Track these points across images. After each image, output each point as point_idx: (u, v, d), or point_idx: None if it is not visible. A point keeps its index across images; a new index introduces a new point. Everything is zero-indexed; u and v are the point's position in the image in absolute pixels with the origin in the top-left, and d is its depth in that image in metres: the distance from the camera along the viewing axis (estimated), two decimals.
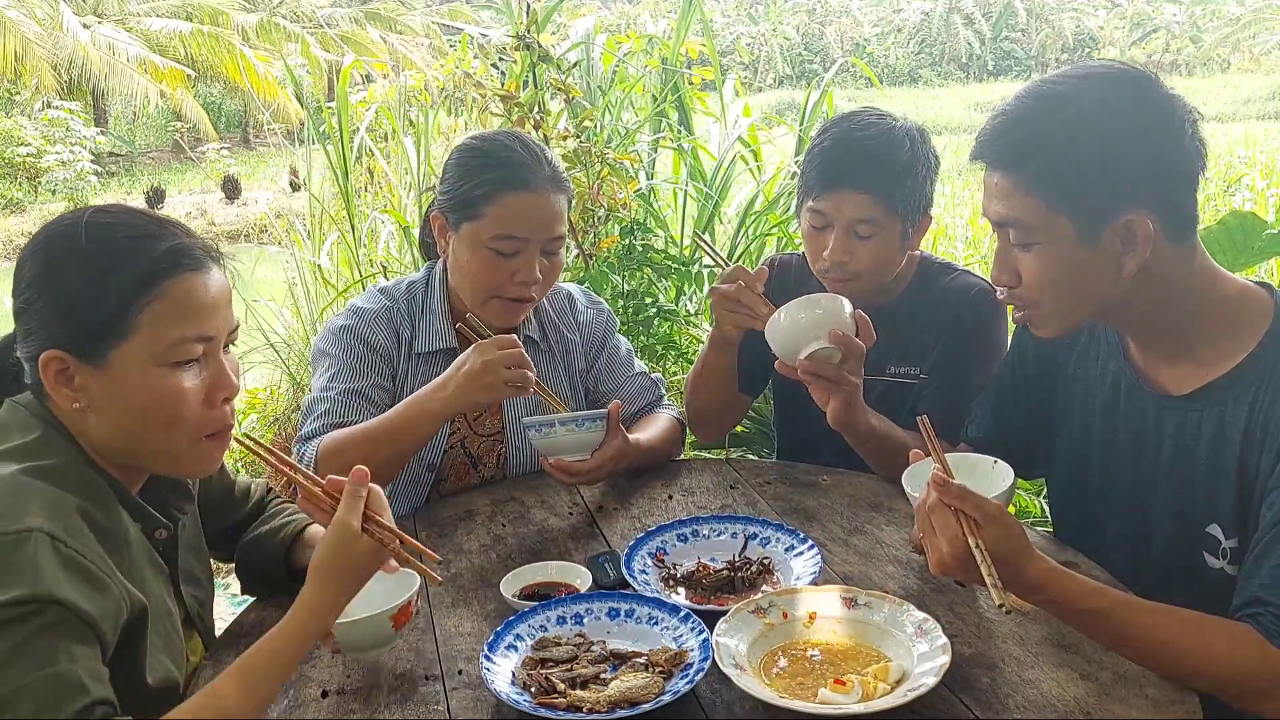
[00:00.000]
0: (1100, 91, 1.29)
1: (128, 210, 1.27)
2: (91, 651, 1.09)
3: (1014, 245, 1.35)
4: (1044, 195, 1.29)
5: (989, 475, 1.42)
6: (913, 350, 1.96)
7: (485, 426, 1.97)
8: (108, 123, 20.10)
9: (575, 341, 2.04)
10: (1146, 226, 1.27)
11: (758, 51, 34.93)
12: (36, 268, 1.20)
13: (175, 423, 1.21)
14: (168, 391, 1.19)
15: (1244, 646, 1.18)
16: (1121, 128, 1.27)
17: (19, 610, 1.04)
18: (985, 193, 1.37)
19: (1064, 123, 1.28)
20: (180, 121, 18.69)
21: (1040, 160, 1.29)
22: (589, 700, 1.20)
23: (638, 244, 3.52)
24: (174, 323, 1.19)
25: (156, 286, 1.18)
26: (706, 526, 1.66)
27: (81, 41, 16.39)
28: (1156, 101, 1.28)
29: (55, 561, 1.08)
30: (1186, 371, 1.38)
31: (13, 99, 18.06)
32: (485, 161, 1.82)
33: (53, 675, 1.03)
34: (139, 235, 1.21)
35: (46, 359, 1.17)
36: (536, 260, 1.82)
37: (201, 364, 1.23)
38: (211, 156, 17.35)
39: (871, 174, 1.80)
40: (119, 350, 1.17)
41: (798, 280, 2.05)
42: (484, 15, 11.06)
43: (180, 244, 1.22)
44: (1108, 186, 1.27)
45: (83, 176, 14.71)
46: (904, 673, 1.23)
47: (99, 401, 1.19)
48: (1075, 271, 1.32)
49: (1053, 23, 37.10)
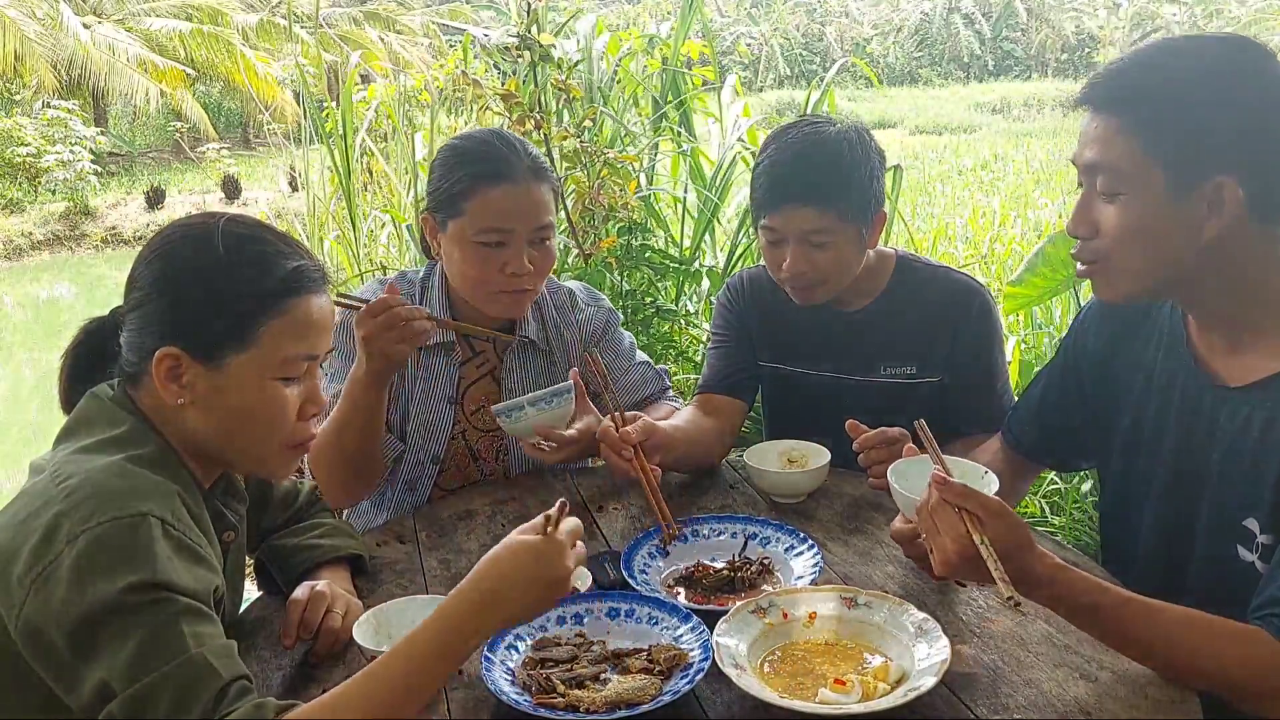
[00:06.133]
0: (1221, 53, 1.30)
1: (259, 224, 1.32)
2: (214, 629, 1.12)
3: (1099, 195, 1.35)
4: (1144, 140, 1.29)
5: (978, 485, 1.42)
6: (904, 349, 1.97)
7: (483, 421, 1.97)
8: (107, 122, 20.09)
9: (574, 339, 2.04)
10: (1236, 193, 1.26)
11: (758, 52, 34.93)
12: (163, 267, 1.24)
13: (272, 431, 1.26)
14: (273, 402, 1.25)
15: (1254, 647, 1.18)
16: (1233, 91, 1.26)
17: (145, 596, 1.06)
18: (1082, 138, 1.36)
19: (1179, 74, 1.29)
20: (180, 121, 18.68)
21: (1148, 105, 1.29)
22: (588, 700, 1.20)
23: (636, 244, 3.52)
24: (291, 341, 1.25)
25: (283, 304, 1.24)
26: (706, 526, 1.66)
27: (81, 41, 16.38)
28: (1274, 75, 1.28)
29: (169, 546, 1.11)
30: (1246, 362, 1.37)
31: (13, 99, 18.06)
32: (463, 158, 1.84)
33: (185, 663, 1.06)
34: (269, 252, 1.25)
35: (162, 354, 1.20)
36: (525, 251, 1.82)
37: (301, 380, 1.28)
38: (211, 156, 17.34)
39: (815, 186, 1.81)
40: (237, 358, 1.22)
41: (774, 291, 2.06)
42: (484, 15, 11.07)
43: (306, 265, 1.28)
44: (1208, 144, 1.27)
45: (83, 176, 14.69)
46: (904, 673, 1.23)
47: (204, 400, 1.23)
48: (1157, 226, 1.31)
49: (1053, 23, 37.09)
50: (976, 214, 8.85)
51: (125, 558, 1.07)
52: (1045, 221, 7.93)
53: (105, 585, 1.05)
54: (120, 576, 1.06)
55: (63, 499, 1.10)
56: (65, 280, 12.64)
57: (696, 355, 3.64)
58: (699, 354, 3.62)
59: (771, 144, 1.90)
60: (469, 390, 1.98)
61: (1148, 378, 1.52)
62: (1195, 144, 1.27)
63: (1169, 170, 1.28)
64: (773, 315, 2.06)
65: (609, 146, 3.65)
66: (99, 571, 1.06)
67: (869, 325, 1.99)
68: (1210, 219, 1.29)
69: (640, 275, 3.63)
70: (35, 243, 14.10)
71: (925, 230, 7.75)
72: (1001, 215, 8.59)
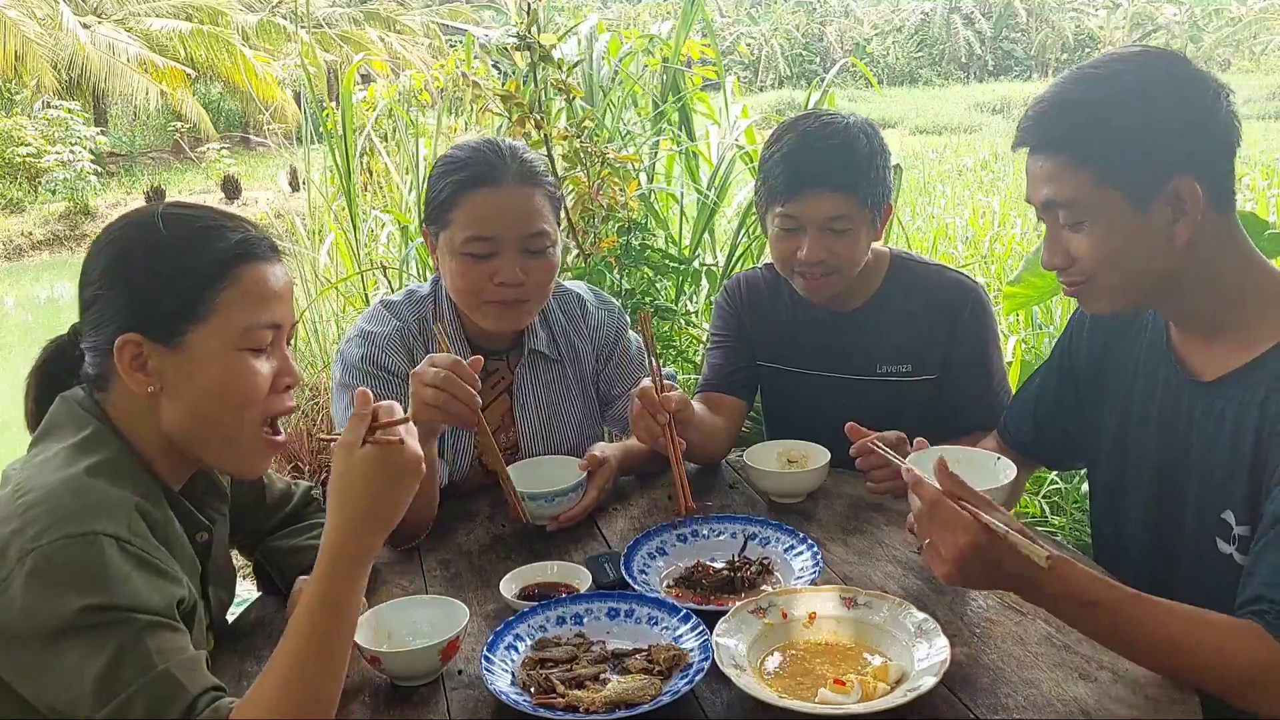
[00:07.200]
0: (1137, 69, 1.34)
1: (200, 205, 1.32)
2: (181, 641, 1.11)
3: (1064, 227, 1.38)
4: (1094, 170, 1.32)
5: (991, 471, 1.43)
6: (901, 348, 1.98)
7: (498, 441, 1.92)
8: (107, 122, 20.09)
9: (585, 348, 2.00)
10: (1195, 190, 1.30)
11: (758, 52, 34.93)
12: (110, 257, 1.23)
13: (247, 405, 1.25)
14: (243, 375, 1.23)
15: (1251, 641, 1.18)
16: (1163, 98, 1.31)
17: (103, 618, 1.06)
18: (1030, 179, 1.40)
19: (1108, 98, 1.32)
20: (180, 121, 18.68)
21: (1087, 136, 1.32)
22: (588, 700, 1.20)
23: (636, 243, 3.51)
24: (249, 308, 1.23)
25: (231, 272, 1.23)
26: (706, 526, 1.66)
27: (81, 41, 16.39)
28: (1190, 75, 1.33)
29: (126, 563, 1.10)
30: (1217, 358, 1.40)
31: (13, 99, 18.06)
32: (450, 167, 1.78)
33: (152, 680, 1.06)
34: (211, 225, 1.25)
35: (123, 342, 1.19)
36: (515, 260, 1.75)
37: (269, 352, 1.27)
38: (211, 156, 17.35)
39: (838, 172, 1.84)
40: (195, 333, 1.21)
41: (770, 293, 2.06)
42: (484, 15, 11.07)
43: (251, 235, 1.27)
44: (1155, 154, 1.30)
45: (83, 176, 14.71)
46: (904, 673, 1.23)
47: (173, 384, 1.22)
48: (1128, 243, 1.34)
49: (1053, 23, 37.10)
50: (976, 214, 8.84)
51: (77, 577, 1.07)
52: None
53: (59, 603, 1.05)
54: (75, 596, 1.06)
55: (19, 516, 1.10)
56: (65, 280, 12.63)
57: (696, 355, 3.64)
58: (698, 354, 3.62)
59: (786, 133, 1.90)
60: (485, 411, 1.93)
61: (1134, 378, 1.54)
62: (1142, 157, 1.30)
63: (1126, 188, 1.32)
64: (770, 316, 2.07)
65: (609, 146, 3.64)
66: (50, 590, 1.06)
67: (865, 324, 1.99)
68: (1177, 221, 1.32)
69: (640, 275, 3.63)
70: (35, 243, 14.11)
71: (925, 230, 7.75)
72: (1001, 215, 8.58)
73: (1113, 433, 1.58)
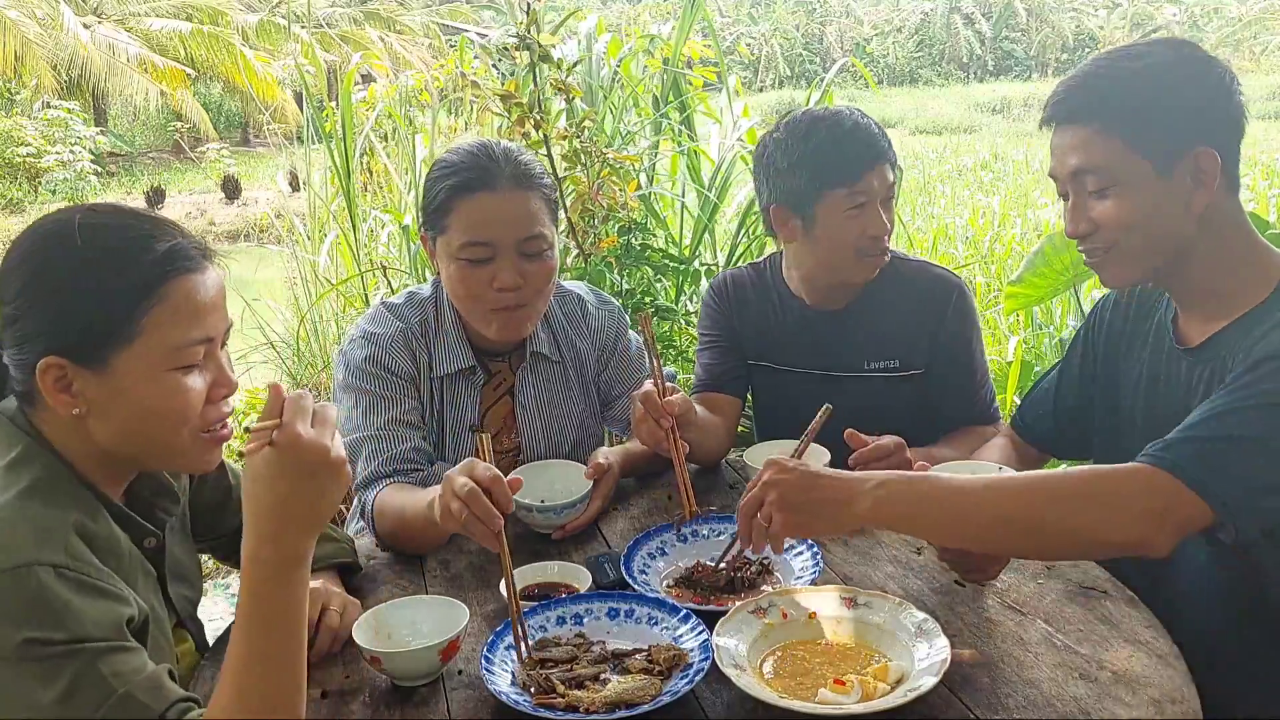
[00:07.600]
0: (1162, 48, 1.43)
1: (119, 210, 1.25)
2: (136, 660, 1.08)
3: (1091, 194, 1.43)
4: (1123, 138, 1.39)
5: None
6: (888, 343, 2.00)
7: (502, 444, 1.93)
8: (107, 123, 20.09)
9: (586, 348, 1.99)
10: (1214, 159, 1.37)
11: (758, 52, 34.93)
12: (29, 272, 1.17)
13: (181, 423, 1.20)
14: (174, 394, 1.18)
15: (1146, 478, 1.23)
16: (1186, 74, 1.40)
17: (50, 650, 1.04)
18: (1058, 153, 1.46)
19: (1136, 72, 1.40)
20: (180, 121, 18.69)
21: (1118, 105, 1.40)
22: (588, 700, 1.20)
23: (636, 243, 3.51)
24: (179, 326, 1.17)
25: (158, 290, 1.16)
26: (706, 526, 1.66)
27: (81, 41, 16.39)
28: (1208, 58, 1.42)
29: (66, 589, 1.06)
30: (1209, 326, 1.45)
31: (13, 99, 18.06)
32: (444, 171, 1.77)
33: (115, 704, 1.04)
34: (135, 237, 1.18)
35: (45, 366, 1.14)
36: (513, 264, 1.74)
37: (202, 365, 1.21)
38: (211, 156, 17.35)
39: (885, 150, 1.92)
40: (121, 355, 1.15)
41: (758, 292, 2.06)
42: (484, 15, 11.07)
43: (177, 245, 1.20)
44: (1180, 123, 1.38)
45: (83, 176, 14.71)
46: (903, 673, 1.23)
47: (100, 406, 1.17)
48: (1152, 208, 1.40)
49: (1053, 23, 37.10)
50: (976, 214, 8.85)
51: (15, 611, 1.04)
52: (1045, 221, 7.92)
53: (2, 634, 1.02)
54: (14, 630, 1.03)
55: None
56: None
57: (695, 355, 3.64)
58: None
59: (821, 123, 1.91)
60: (488, 414, 1.93)
61: (1140, 373, 1.57)
62: (1168, 125, 1.38)
63: (1153, 154, 1.38)
64: (758, 314, 2.08)
65: (608, 146, 3.64)
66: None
67: (853, 321, 2.01)
68: (1196, 190, 1.38)
69: (640, 275, 3.63)
70: None
71: (925, 230, 7.75)
72: (1001, 215, 8.59)
73: (1117, 416, 1.62)
